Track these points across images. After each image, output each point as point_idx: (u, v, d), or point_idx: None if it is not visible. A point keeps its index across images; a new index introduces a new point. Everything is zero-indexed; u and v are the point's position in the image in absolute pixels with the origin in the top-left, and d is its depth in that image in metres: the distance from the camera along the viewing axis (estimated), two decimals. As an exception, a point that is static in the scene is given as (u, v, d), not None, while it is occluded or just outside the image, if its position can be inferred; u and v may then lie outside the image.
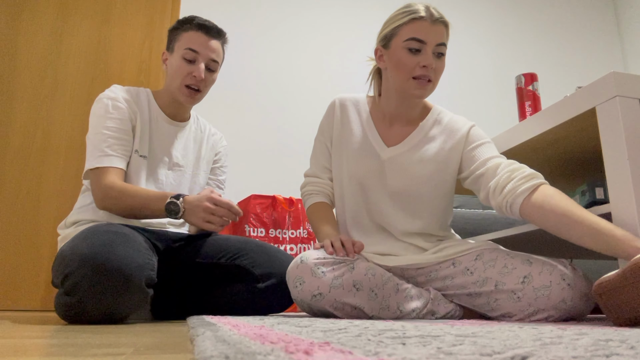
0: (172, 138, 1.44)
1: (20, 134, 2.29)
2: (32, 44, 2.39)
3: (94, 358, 0.45)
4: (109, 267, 1.01)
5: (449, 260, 1.18)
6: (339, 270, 1.08)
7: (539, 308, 1.01)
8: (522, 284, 1.03)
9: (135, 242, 1.11)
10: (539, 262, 1.05)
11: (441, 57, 1.19)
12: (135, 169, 1.34)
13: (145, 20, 2.56)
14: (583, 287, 1.01)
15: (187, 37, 1.38)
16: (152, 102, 1.43)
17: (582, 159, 1.40)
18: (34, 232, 2.21)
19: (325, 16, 2.97)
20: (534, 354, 0.32)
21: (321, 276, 1.06)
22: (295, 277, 1.09)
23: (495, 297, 1.07)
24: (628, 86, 1.00)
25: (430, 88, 1.19)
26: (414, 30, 1.16)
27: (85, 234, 1.11)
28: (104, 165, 1.27)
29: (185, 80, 1.37)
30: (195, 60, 1.37)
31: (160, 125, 1.42)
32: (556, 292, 1.00)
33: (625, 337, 0.48)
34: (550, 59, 3.34)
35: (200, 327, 0.65)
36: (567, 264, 1.05)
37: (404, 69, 1.18)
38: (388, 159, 1.26)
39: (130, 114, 1.35)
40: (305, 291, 1.07)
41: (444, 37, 1.18)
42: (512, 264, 1.07)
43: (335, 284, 1.06)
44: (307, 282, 1.07)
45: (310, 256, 1.10)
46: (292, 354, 0.31)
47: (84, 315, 1.04)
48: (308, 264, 1.08)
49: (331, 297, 1.06)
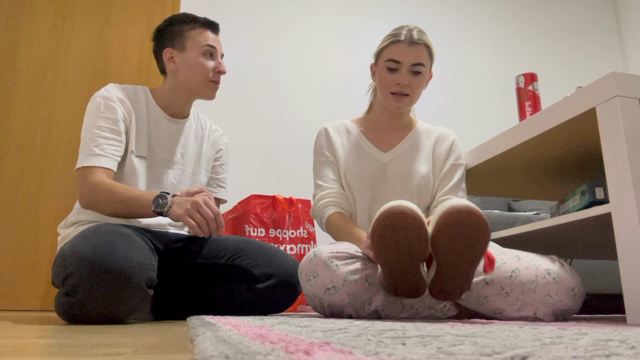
0: (172, 136, 1.43)
1: (20, 134, 2.29)
2: (32, 44, 2.39)
3: (94, 358, 0.45)
4: (110, 267, 1.01)
5: None
6: (353, 265, 1.09)
7: (526, 302, 1.05)
8: (510, 278, 1.07)
9: (135, 242, 1.10)
10: (527, 258, 1.09)
11: (418, 74, 1.31)
12: (132, 170, 1.33)
13: (145, 20, 2.56)
14: (569, 282, 1.04)
15: (200, 34, 1.40)
16: (150, 100, 1.42)
17: (582, 159, 1.40)
18: (34, 232, 2.21)
19: (328, 17, 2.97)
20: (534, 354, 0.32)
21: (335, 269, 1.07)
22: (309, 270, 1.10)
23: (485, 293, 1.10)
24: (628, 86, 1.00)
25: (407, 101, 1.33)
26: (392, 52, 1.31)
27: (86, 234, 1.11)
28: (91, 164, 1.24)
29: (212, 76, 1.41)
30: (214, 55, 1.41)
31: (160, 123, 1.41)
32: (541, 286, 1.03)
33: (625, 337, 0.48)
34: (550, 59, 3.34)
35: (200, 327, 0.65)
36: (555, 260, 1.09)
37: (383, 85, 1.33)
38: (389, 162, 1.36)
39: (123, 114, 1.33)
40: (319, 284, 1.08)
41: (422, 57, 1.30)
42: (501, 259, 1.11)
43: (349, 278, 1.07)
44: (321, 275, 1.08)
45: (324, 250, 1.11)
46: (292, 354, 0.31)
47: (84, 316, 1.04)
48: (322, 258, 1.09)
49: (344, 291, 1.06)
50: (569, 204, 1.28)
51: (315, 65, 2.87)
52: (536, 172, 1.52)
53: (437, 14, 3.21)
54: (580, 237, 1.32)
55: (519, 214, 2.19)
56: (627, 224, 0.95)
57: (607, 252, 1.60)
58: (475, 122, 3.06)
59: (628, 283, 0.94)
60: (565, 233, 1.27)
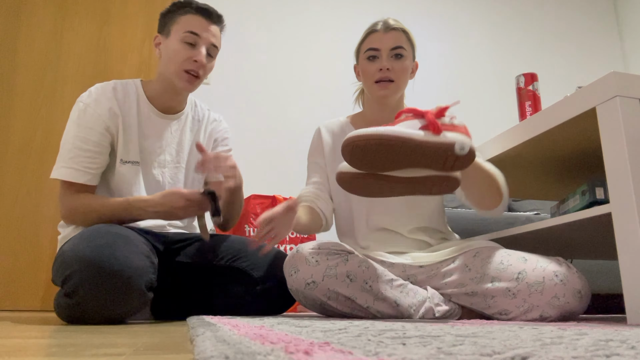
0: (165, 133, 1.37)
1: (20, 134, 2.29)
2: (32, 44, 2.39)
3: (94, 358, 0.45)
4: (110, 270, 1.01)
5: (450, 258, 1.20)
6: (333, 261, 1.10)
7: (532, 304, 1.03)
8: (517, 280, 1.06)
9: (136, 244, 1.10)
10: (534, 259, 1.08)
11: (400, 57, 1.29)
12: (121, 178, 1.30)
13: (145, 19, 2.56)
14: (576, 284, 1.03)
15: (187, 20, 1.30)
16: (142, 95, 1.35)
17: (583, 158, 1.40)
18: (34, 232, 2.21)
19: (328, 16, 2.97)
20: (534, 354, 0.32)
21: (315, 265, 1.09)
22: (291, 265, 1.13)
23: (491, 294, 1.09)
24: (628, 86, 1.00)
25: (393, 88, 1.29)
26: (370, 42, 1.31)
27: (87, 235, 1.10)
28: (66, 179, 1.23)
29: (185, 65, 1.28)
30: (196, 44, 1.29)
31: (152, 122, 1.35)
32: (549, 288, 1.02)
33: (626, 337, 0.48)
34: (551, 58, 3.34)
35: (200, 327, 0.65)
36: (562, 262, 1.07)
37: (367, 76, 1.31)
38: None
39: (106, 123, 1.27)
40: (300, 279, 1.10)
41: (401, 41, 1.29)
42: (507, 261, 1.10)
43: (328, 273, 1.09)
44: (302, 271, 1.10)
45: (306, 247, 1.14)
46: (292, 354, 0.31)
47: (83, 317, 1.04)
48: (303, 253, 1.12)
49: (324, 286, 1.08)
50: (569, 204, 1.28)
51: (317, 64, 2.87)
52: (536, 172, 1.52)
53: (437, 13, 3.21)
54: (580, 237, 1.32)
55: (519, 214, 2.19)
56: (628, 224, 0.95)
57: (607, 252, 1.60)
58: (475, 122, 3.05)
59: (628, 283, 0.94)
60: (565, 233, 1.26)
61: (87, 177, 1.24)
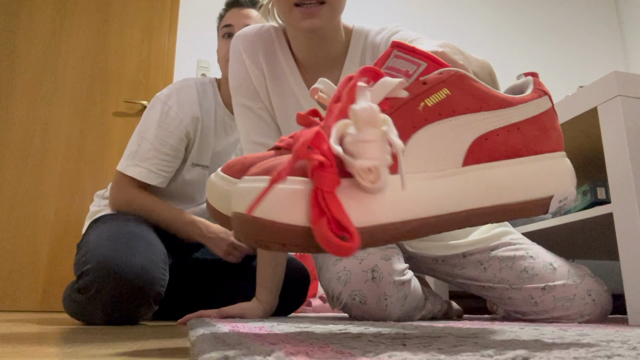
0: (236, 140, 1.39)
1: (19, 134, 2.28)
2: (31, 43, 2.38)
3: (93, 358, 0.44)
4: (123, 276, 1.01)
5: (459, 254, 1.08)
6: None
7: (553, 316, 0.98)
8: (543, 290, 0.97)
9: (154, 251, 1.09)
10: (564, 271, 0.98)
11: None
12: (189, 180, 1.31)
13: (145, 19, 2.56)
14: (606, 304, 0.97)
15: (223, 19, 1.36)
16: (218, 99, 1.35)
17: (584, 158, 1.40)
18: (33, 232, 2.21)
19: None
20: (535, 355, 0.31)
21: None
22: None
23: (509, 295, 1.01)
24: (630, 86, 1.00)
25: (326, 12, 0.85)
26: None
27: (110, 233, 1.10)
28: (141, 179, 1.23)
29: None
30: (233, 34, 1.30)
31: (226, 127, 1.36)
32: (579, 306, 0.96)
33: (627, 337, 0.48)
34: (551, 58, 3.34)
35: (200, 327, 0.64)
36: (593, 275, 0.99)
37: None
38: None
39: (187, 127, 1.26)
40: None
41: None
42: (532, 269, 0.98)
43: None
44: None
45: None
46: (292, 354, 0.31)
47: (86, 315, 1.05)
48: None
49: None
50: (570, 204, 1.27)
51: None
52: (537, 172, 1.51)
53: (437, 13, 3.20)
54: (581, 237, 1.31)
55: (519, 214, 2.18)
56: (629, 224, 0.94)
57: (609, 253, 1.60)
58: (476, 122, 3.05)
59: (630, 284, 0.93)
60: (566, 233, 1.26)
61: (160, 180, 1.25)
